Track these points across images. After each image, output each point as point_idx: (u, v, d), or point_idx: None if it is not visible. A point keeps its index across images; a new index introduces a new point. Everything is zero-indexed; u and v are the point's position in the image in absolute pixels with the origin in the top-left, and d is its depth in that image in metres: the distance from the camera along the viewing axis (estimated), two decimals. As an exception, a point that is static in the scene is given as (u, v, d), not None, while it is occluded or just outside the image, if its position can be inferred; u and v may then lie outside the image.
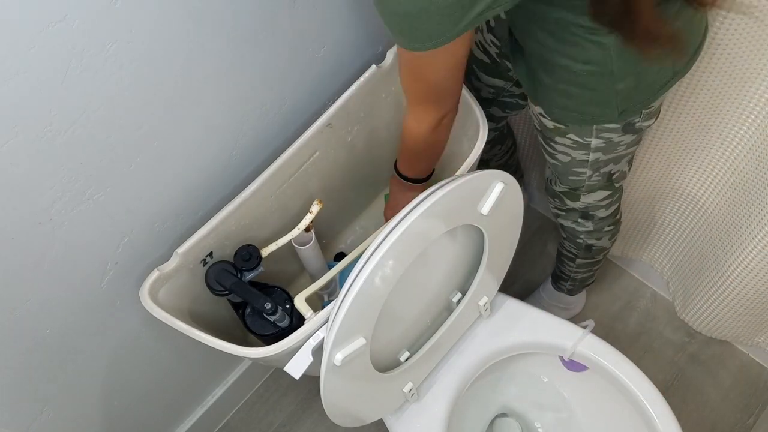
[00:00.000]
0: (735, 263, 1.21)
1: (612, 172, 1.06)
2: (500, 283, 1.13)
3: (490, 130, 1.28)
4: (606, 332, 1.56)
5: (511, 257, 1.10)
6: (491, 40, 1.07)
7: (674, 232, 1.41)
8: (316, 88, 1.03)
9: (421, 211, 0.81)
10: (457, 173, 0.96)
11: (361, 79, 1.02)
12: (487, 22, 1.06)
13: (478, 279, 1.05)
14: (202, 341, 0.87)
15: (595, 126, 0.93)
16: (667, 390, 1.49)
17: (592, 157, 1.00)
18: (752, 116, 1.03)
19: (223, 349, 0.86)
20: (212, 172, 0.96)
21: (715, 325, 1.44)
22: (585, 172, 1.04)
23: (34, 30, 0.62)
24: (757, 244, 1.12)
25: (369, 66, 1.03)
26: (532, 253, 1.66)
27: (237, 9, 0.81)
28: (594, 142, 0.96)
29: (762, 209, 1.09)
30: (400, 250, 0.82)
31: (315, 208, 1.01)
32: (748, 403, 1.48)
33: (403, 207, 0.88)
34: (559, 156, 1.02)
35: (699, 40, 0.90)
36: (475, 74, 1.14)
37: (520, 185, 0.99)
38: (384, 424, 1.11)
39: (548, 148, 1.04)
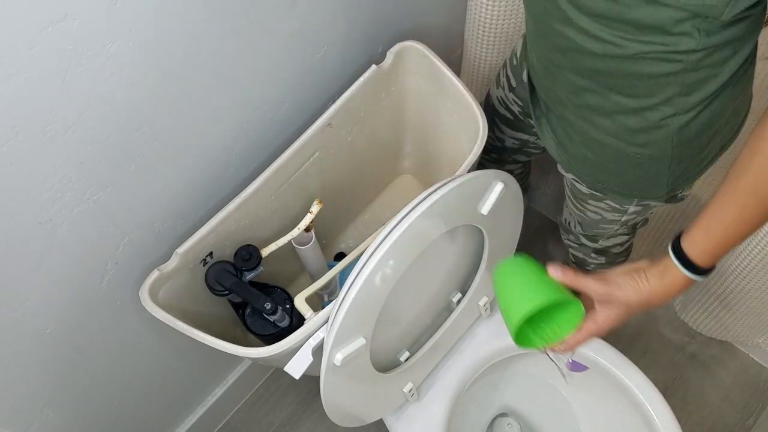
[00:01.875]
0: (735, 264, 1.21)
1: (637, 222, 1.04)
2: (500, 283, 1.13)
3: (515, 171, 1.25)
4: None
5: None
6: (513, 99, 1.04)
7: (675, 232, 1.41)
8: (316, 88, 1.03)
9: (421, 211, 0.81)
10: (457, 173, 0.95)
11: (361, 79, 1.02)
12: (509, 82, 1.04)
13: (478, 279, 1.05)
14: (202, 341, 0.87)
15: (637, 198, 0.89)
16: (667, 390, 1.49)
17: (625, 218, 0.97)
18: (753, 115, 1.03)
19: (223, 349, 0.86)
20: (212, 172, 0.96)
21: (714, 326, 1.44)
22: (613, 228, 1.02)
23: (34, 30, 0.62)
24: (757, 244, 1.12)
25: (369, 66, 1.03)
26: (532, 253, 1.65)
27: (237, 9, 0.81)
28: (632, 209, 0.93)
29: (762, 209, 1.09)
30: (400, 250, 0.82)
31: (315, 208, 1.01)
32: (748, 403, 1.48)
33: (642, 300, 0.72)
34: (589, 214, 0.99)
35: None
36: (498, 126, 1.13)
37: (523, 192, 0.98)
38: (384, 424, 1.11)
39: (577, 205, 0.99)
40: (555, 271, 0.78)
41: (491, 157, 1.23)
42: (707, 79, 0.70)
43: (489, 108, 1.12)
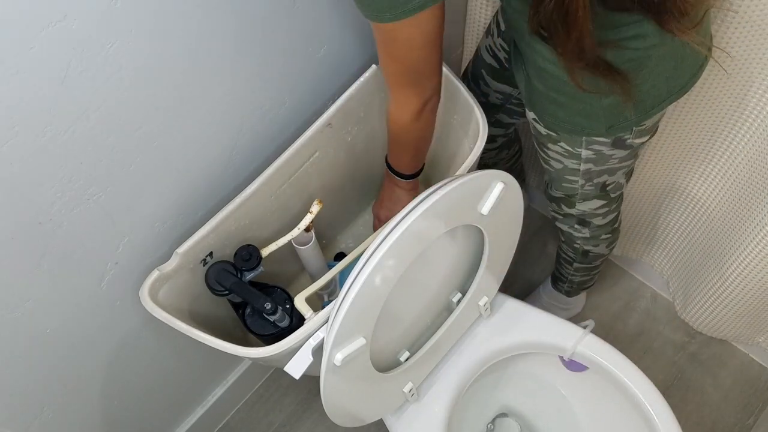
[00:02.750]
0: (735, 263, 1.21)
1: (606, 183, 1.05)
2: (500, 283, 1.13)
3: (498, 136, 1.28)
4: (606, 332, 1.56)
5: (511, 257, 1.10)
6: (500, 45, 1.06)
7: (675, 232, 1.41)
8: (316, 88, 1.03)
9: (421, 211, 0.81)
10: (457, 173, 0.96)
11: (361, 79, 1.02)
12: (498, 26, 1.05)
13: (478, 279, 1.05)
14: (202, 341, 0.87)
15: (584, 137, 0.93)
16: (667, 390, 1.49)
17: (583, 167, 0.99)
18: (752, 116, 1.03)
19: (223, 349, 0.86)
20: (212, 172, 0.96)
21: (715, 325, 1.44)
22: (577, 181, 1.04)
23: (34, 30, 0.62)
24: (758, 243, 1.12)
25: (369, 66, 1.03)
26: (532, 253, 1.66)
27: (237, 9, 0.81)
28: (584, 153, 0.96)
29: (762, 209, 1.09)
30: (400, 250, 0.82)
31: (315, 208, 1.01)
32: (748, 403, 1.48)
33: (388, 202, 0.86)
34: (552, 162, 1.03)
35: (686, 74, 0.87)
36: (483, 79, 1.14)
37: (522, 187, 0.99)
38: (384, 424, 1.11)
39: (542, 154, 1.04)
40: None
41: None
42: None
43: (477, 60, 1.14)
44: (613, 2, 0.72)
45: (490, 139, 1.27)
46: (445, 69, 1.03)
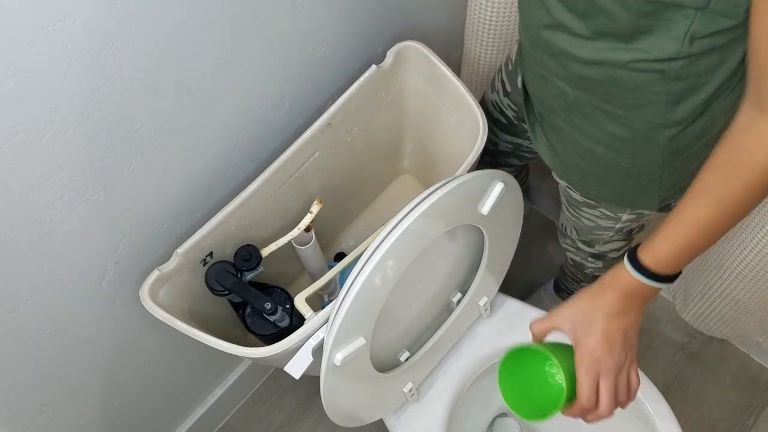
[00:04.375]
0: (735, 262, 1.21)
1: (633, 230, 1.04)
2: (500, 283, 1.13)
3: (510, 172, 1.27)
4: (606, 332, 1.56)
5: (512, 257, 1.10)
6: (508, 104, 1.04)
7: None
8: (316, 88, 1.03)
9: (421, 211, 0.81)
10: (457, 173, 0.96)
11: (361, 79, 1.02)
12: (503, 87, 1.04)
13: (478, 279, 1.05)
14: (202, 341, 0.87)
15: (630, 207, 0.89)
16: (667, 390, 1.49)
17: (619, 226, 0.97)
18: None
19: (223, 349, 0.86)
20: (212, 172, 0.96)
21: (715, 324, 1.44)
22: (608, 234, 1.02)
23: (34, 30, 0.62)
24: (758, 243, 1.12)
25: (369, 66, 1.03)
26: (532, 253, 1.66)
27: (237, 9, 0.81)
28: (625, 216, 0.93)
29: (762, 208, 1.09)
30: (400, 250, 0.82)
31: (315, 208, 1.01)
32: (748, 403, 1.48)
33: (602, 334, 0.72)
34: (584, 221, 1.00)
35: None
36: (492, 131, 1.13)
37: (524, 193, 0.98)
38: (384, 424, 1.11)
39: (572, 212, 1.00)
40: (531, 331, 0.78)
41: (485, 160, 1.23)
42: (694, 88, 0.69)
43: (484, 112, 1.13)
44: None
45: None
46: (444, 68, 1.03)
